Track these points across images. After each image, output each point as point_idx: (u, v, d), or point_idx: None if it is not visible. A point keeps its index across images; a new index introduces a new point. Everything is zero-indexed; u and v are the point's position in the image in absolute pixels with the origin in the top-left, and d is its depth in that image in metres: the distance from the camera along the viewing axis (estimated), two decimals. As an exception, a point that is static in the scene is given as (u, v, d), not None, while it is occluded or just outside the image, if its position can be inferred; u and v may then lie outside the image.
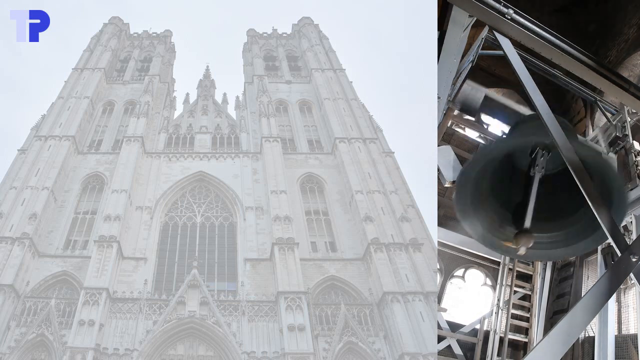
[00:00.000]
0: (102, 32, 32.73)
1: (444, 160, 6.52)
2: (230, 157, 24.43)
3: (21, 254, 18.66)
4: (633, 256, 4.01)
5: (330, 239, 20.88)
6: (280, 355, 16.34)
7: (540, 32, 5.15)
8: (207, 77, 31.27)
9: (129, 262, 19.45)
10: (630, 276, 4.04)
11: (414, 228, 20.05)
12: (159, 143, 25.27)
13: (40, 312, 17.21)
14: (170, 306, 17.52)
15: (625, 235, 8.62)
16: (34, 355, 16.50)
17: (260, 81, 28.63)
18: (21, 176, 21.84)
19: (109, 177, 22.68)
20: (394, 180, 22.27)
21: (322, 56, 30.09)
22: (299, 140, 25.62)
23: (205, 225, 21.71)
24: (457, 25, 4.85)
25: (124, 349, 16.49)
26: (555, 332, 3.52)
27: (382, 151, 23.90)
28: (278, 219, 20.39)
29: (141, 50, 33.04)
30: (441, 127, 6.66)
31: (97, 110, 27.26)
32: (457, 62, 5.07)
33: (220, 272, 19.83)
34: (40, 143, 23.61)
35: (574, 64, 5.28)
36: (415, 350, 16.11)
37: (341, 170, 23.05)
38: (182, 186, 23.09)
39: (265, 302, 18.01)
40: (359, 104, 26.69)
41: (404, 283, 17.97)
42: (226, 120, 27.60)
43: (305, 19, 34.24)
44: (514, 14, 4.99)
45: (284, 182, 22.12)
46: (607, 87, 5.41)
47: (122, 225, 20.04)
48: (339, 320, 17.27)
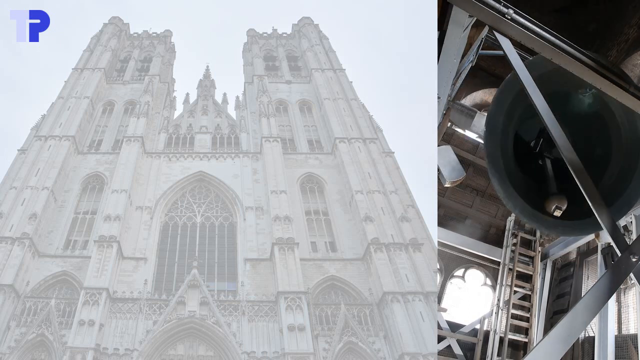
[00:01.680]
0: (102, 32, 32.72)
1: (444, 160, 6.52)
2: (230, 157, 24.42)
3: (21, 254, 18.65)
4: (633, 256, 4.02)
5: (330, 239, 20.87)
6: (280, 355, 16.33)
7: (540, 32, 5.15)
8: (207, 77, 31.27)
9: (129, 262, 19.44)
10: (630, 276, 4.04)
11: (414, 228, 20.04)
12: (159, 143, 25.26)
13: (40, 312, 17.20)
14: (170, 306, 17.52)
15: (625, 235, 8.62)
16: (34, 355, 16.49)
17: (260, 81, 28.62)
18: (21, 176, 21.83)
19: (109, 177, 22.67)
20: (394, 180, 22.26)
21: (322, 56, 30.08)
22: (299, 140, 25.61)
23: (205, 225, 21.70)
24: (457, 25, 4.85)
25: (124, 349, 16.48)
26: (555, 332, 3.53)
27: (382, 151, 23.89)
28: (278, 219, 20.39)
29: (141, 50, 33.03)
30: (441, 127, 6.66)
31: (97, 110, 27.25)
32: (457, 62, 5.07)
33: (220, 272, 19.83)
34: (40, 143, 23.59)
35: (574, 64, 5.28)
36: (415, 350, 16.09)
37: (341, 170, 23.05)
38: (182, 186, 23.09)
39: (265, 302, 18.00)
40: (359, 104, 26.68)
41: (404, 283, 17.96)
42: (226, 120, 27.59)
43: (305, 19, 34.23)
44: (514, 14, 4.99)
45: (284, 182, 22.12)
46: (607, 87, 5.40)
47: (122, 225, 20.03)
48: (339, 320, 17.26)
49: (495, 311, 13.94)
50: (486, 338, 13.73)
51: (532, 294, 13.94)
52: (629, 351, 9.66)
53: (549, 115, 4.79)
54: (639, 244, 4.12)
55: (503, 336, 13.38)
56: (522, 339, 13.61)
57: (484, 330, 13.96)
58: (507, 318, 13.56)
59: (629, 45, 12.50)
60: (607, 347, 8.73)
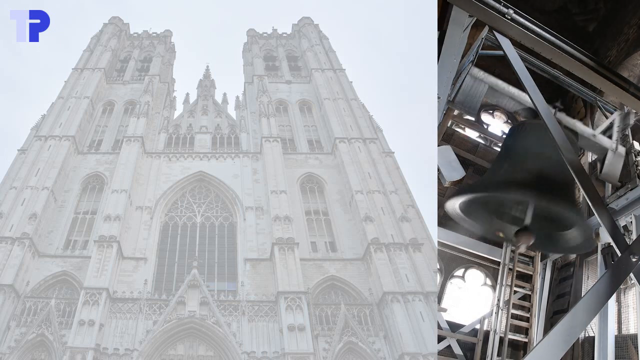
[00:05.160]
0: (102, 32, 32.73)
1: (444, 160, 6.53)
2: (230, 157, 24.42)
3: (21, 254, 18.65)
4: (633, 256, 4.02)
5: (330, 239, 20.88)
6: (280, 355, 16.33)
7: (540, 32, 5.15)
8: (207, 77, 31.28)
9: (129, 262, 19.45)
10: (630, 276, 4.04)
11: (414, 228, 20.04)
12: (159, 143, 25.26)
13: (40, 312, 17.20)
14: (170, 306, 17.52)
15: (625, 235, 8.62)
16: (34, 355, 16.49)
17: (260, 81, 28.62)
18: (21, 176, 21.84)
19: (109, 177, 22.67)
20: (394, 180, 22.26)
21: (322, 56, 30.08)
22: (299, 140, 25.62)
23: (205, 225, 21.70)
24: (457, 25, 4.85)
25: (124, 349, 16.48)
26: (555, 332, 3.53)
27: (382, 151, 23.90)
28: (278, 219, 20.39)
29: (141, 50, 33.03)
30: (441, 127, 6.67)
31: (97, 110, 27.25)
32: (457, 62, 5.07)
33: (220, 272, 19.83)
34: (40, 143, 23.60)
35: (574, 64, 5.29)
36: (415, 350, 16.10)
37: (341, 170, 23.05)
38: (182, 186, 23.09)
39: (265, 302, 18.00)
40: (359, 104, 26.68)
41: (404, 283, 17.96)
42: (226, 120, 27.60)
43: (305, 19, 34.24)
44: (514, 14, 5.00)
45: (284, 182, 22.12)
46: (607, 87, 5.41)
47: (122, 225, 20.03)
48: (339, 320, 17.26)
49: (495, 311, 13.91)
50: (486, 338, 13.71)
51: (532, 294, 13.91)
52: (629, 351, 9.65)
53: (549, 115, 4.80)
54: (639, 244, 4.12)
55: (503, 336, 13.36)
56: (522, 339, 13.59)
57: (484, 330, 13.93)
58: (507, 318, 13.53)
59: (629, 45, 12.49)
60: (607, 347, 8.72)
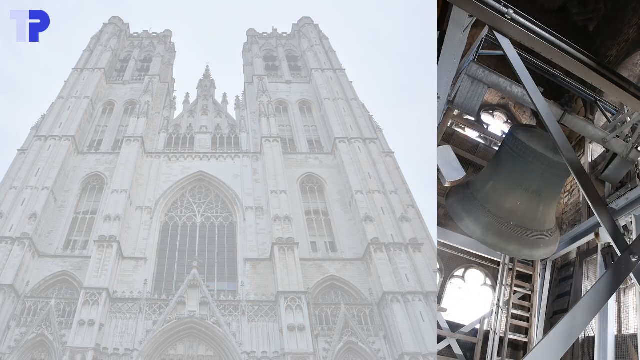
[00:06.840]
0: (102, 32, 32.72)
1: (444, 160, 6.53)
2: (230, 157, 24.42)
3: (21, 254, 18.65)
4: (633, 256, 4.02)
5: (330, 239, 20.87)
6: (280, 355, 16.33)
7: (540, 32, 5.15)
8: (207, 77, 31.26)
9: (129, 262, 19.44)
10: (630, 276, 4.04)
11: (414, 228, 20.03)
12: (159, 143, 25.26)
13: (40, 312, 17.20)
14: (170, 306, 17.51)
15: (625, 235, 8.62)
16: (34, 355, 16.49)
17: (260, 81, 28.62)
18: (21, 176, 21.83)
19: (109, 177, 22.67)
20: (394, 180, 22.25)
21: (322, 56, 30.08)
22: (299, 140, 25.61)
23: (205, 225, 21.70)
24: (457, 25, 4.85)
25: (124, 349, 16.47)
26: (555, 332, 3.53)
27: (382, 151, 23.89)
28: (278, 219, 20.38)
29: (141, 50, 33.02)
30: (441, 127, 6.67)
31: (97, 110, 27.25)
32: (457, 62, 5.07)
33: (220, 272, 19.82)
34: (40, 143, 23.59)
35: (574, 64, 5.28)
36: (415, 350, 16.10)
37: (341, 170, 23.04)
38: (182, 186, 23.08)
39: (265, 302, 18.00)
40: (359, 104, 26.67)
41: (404, 283, 17.95)
42: (226, 120, 27.58)
43: (305, 19, 34.22)
44: (514, 14, 4.99)
45: (284, 182, 22.11)
46: (607, 87, 5.41)
47: (122, 225, 20.02)
48: (339, 320, 17.26)
49: (495, 311, 13.92)
50: (486, 338, 13.71)
51: (532, 294, 13.92)
52: (629, 351, 9.65)
53: (549, 115, 4.80)
54: (639, 244, 4.12)
55: (503, 336, 13.36)
56: (522, 339, 13.59)
57: (484, 330, 13.93)
58: (507, 318, 13.54)
59: (629, 45, 12.50)
60: (607, 347, 8.72)
